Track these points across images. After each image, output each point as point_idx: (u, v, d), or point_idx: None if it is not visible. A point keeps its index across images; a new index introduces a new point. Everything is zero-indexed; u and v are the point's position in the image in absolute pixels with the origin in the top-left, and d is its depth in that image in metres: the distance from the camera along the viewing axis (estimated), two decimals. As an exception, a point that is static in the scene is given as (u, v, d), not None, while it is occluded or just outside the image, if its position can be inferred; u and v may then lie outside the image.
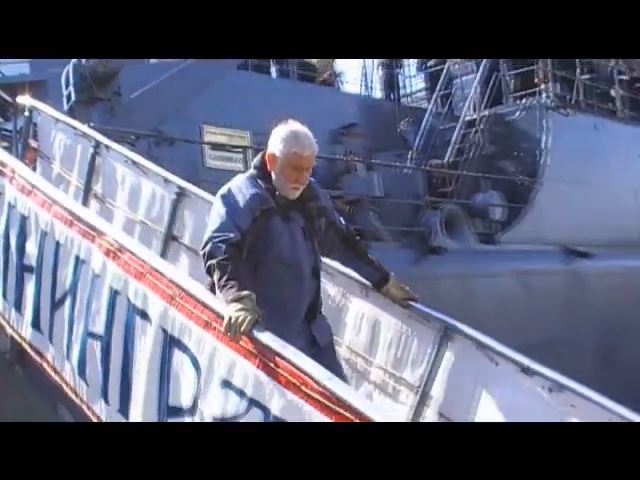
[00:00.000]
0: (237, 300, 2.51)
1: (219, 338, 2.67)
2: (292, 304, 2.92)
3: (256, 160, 3.00)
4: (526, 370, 3.03)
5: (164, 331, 2.93)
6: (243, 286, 2.58)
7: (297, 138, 2.90)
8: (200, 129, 8.08)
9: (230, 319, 2.45)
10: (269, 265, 2.84)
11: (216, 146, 8.12)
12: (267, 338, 2.51)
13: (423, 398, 3.88)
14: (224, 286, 2.60)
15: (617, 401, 2.76)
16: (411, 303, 3.65)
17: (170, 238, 4.30)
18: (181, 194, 4.25)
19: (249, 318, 2.43)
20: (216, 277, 2.63)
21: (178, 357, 2.86)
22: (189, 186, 4.28)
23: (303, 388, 2.39)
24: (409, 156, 10.08)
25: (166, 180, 4.36)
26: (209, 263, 2.67)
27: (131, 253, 3.13)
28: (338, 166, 8.90)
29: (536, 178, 10.22)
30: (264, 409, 2.51)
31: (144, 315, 3.03)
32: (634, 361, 9.92)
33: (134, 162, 4.54)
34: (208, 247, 2.70)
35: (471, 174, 10.01)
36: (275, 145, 2.86)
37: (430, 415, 3.90)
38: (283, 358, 2.45)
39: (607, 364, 9.65)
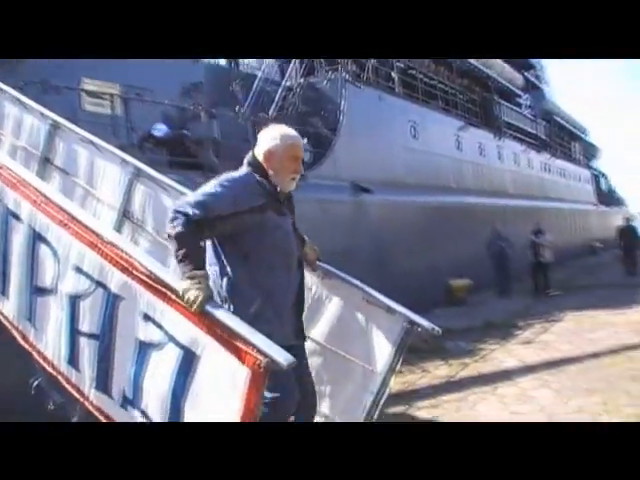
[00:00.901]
0: (192, 278, 2.51)
1: (73, 234, 2.87)
2: (281, 291, 2.88)
3: (249, 159, 2.98)
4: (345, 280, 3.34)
5: (31, 228, 3.10)
6: (198, 264, 2.62)
7: (290, 133, 3.03)
8: (79, 80, 8.67)
9: (185, 295, 2.46)
10: (263, 253, 2.83)
11: (91, 94, 8.81)
12: (112, 236, 2.81)
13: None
14: (181, 260, 2.61)
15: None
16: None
17: (45, 160, 4.60)
18: (56, 127, 4.56)
19: (201, 297, 2.44)
20: (173, 247, 2.66)
21: (42, 249, 3.06)
22: (62, 120, 4.58)
23: (131, 270, 2.64)
24: (240, 110, 11.33)
25: (42, 114, 4.63)
26: (169, 230, 2.68)
27: (9, 169, 3.31)
28: (187, 113, 9.86)
29: (336, 132, 11.92)
30: (106, 288, 2.74)
31: (17, 217, 3.19)
32: (398, 273, 11.83)
33: (19, 100, 4.78)
34: (172, 212, 2.70)
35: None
36: (270, 142, 2.95)
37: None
38: (118, 248, 2.71)
39: (380, 274, 10.56)
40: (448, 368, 7.97)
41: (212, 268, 2.85)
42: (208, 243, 2.87)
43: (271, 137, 2.96)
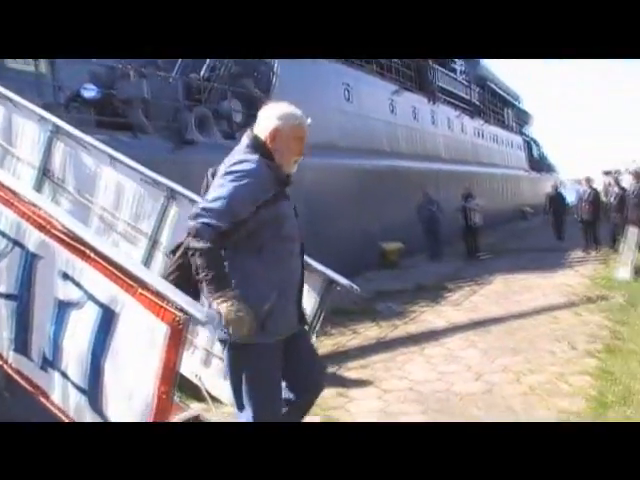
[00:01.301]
0: (227, 300, 2.51)
1: None
2: (290, 281, 2.81)
3: (252, 141, 2.81)
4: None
5: None
6: (229, 282, 2.58)
7: (295, 112, 2.88)
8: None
9: (231, 325, 2.50)
10: (276, 244, 2.73)
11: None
12: (29, 194, 2.81)
13: (155, 243, 4.47)
14: (209, 278, 2.53)
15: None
16: (142, 170, 4.18)
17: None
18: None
19: (250, 323, 2.51)
20: (199, 263, 2.54)
21: None
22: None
23: (49, 228, 2.62)
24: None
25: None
26: (193, 244, 2.56)
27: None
28: (116, 72, 9.44)
29: (268, 93, 11.58)
30: (23, 247, 2.71)
31: None
32: (331, 236, 11.70)
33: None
34: (197, 223, 2.56)
35: (220, 86, 11.22)
36: (275, 122, 2.79)
37: (159, 256, 4.46)
38: (35, 206, 2.70)
39: (313, 237, 11.31)
40: (378, 329, 8.07)
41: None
42: None
43: (276, 116, 2.80)
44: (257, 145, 2.77)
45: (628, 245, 11.39)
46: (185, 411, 3.90)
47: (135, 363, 2.38)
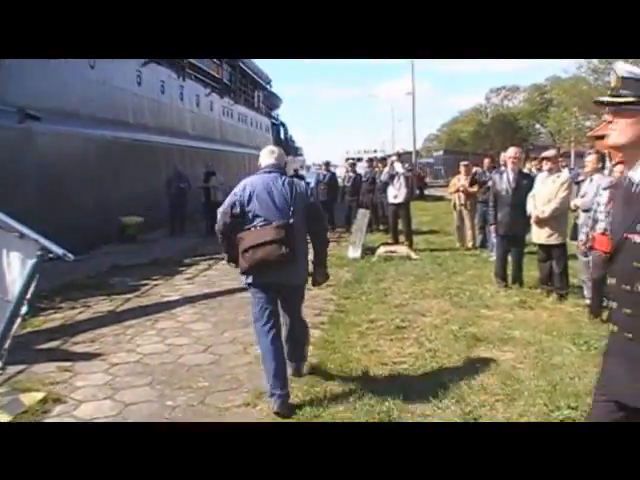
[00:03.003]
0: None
1: None
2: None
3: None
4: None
5: None
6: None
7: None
8: None
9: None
10: None
11: None
12: None
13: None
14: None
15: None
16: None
17: None
18: None
19: None
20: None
21: None
22: None
23: None
24: None
25: None
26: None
27: None
28: None
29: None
30: None
31: None
32: (70, 207, 11.75)
33: None
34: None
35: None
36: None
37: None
38: None
39: (49, 207, 10.86)
40: (110, 303, 8.05)
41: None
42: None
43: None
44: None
45: (358, 226, 12.34)
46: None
47: None
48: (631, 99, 2.03)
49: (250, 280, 4.45)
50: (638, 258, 2.04)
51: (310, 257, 4.68)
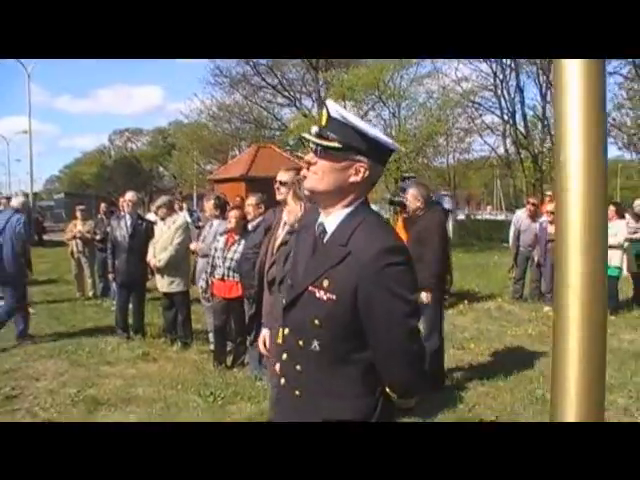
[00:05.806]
0: None
1: None
2: None
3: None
4: None
5: None
6: None
7: None
8: None
9: None
10: None
11: None
12: None
13: None
14: None
15: None
16: None
17: None
18: None
19: None
20: None
21: None
22: None
23: None
24: None
25: None
26: None
27: None
28: None
29: None
30: None
31: None
32: None
33: None
34: None
35: None
36: None
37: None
38: None
39: None
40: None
41: None
42: None
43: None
44: None
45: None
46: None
47: None
48: (337, 145, 1.84)
49: None
50: (319, 315, 1.85)
51: None
